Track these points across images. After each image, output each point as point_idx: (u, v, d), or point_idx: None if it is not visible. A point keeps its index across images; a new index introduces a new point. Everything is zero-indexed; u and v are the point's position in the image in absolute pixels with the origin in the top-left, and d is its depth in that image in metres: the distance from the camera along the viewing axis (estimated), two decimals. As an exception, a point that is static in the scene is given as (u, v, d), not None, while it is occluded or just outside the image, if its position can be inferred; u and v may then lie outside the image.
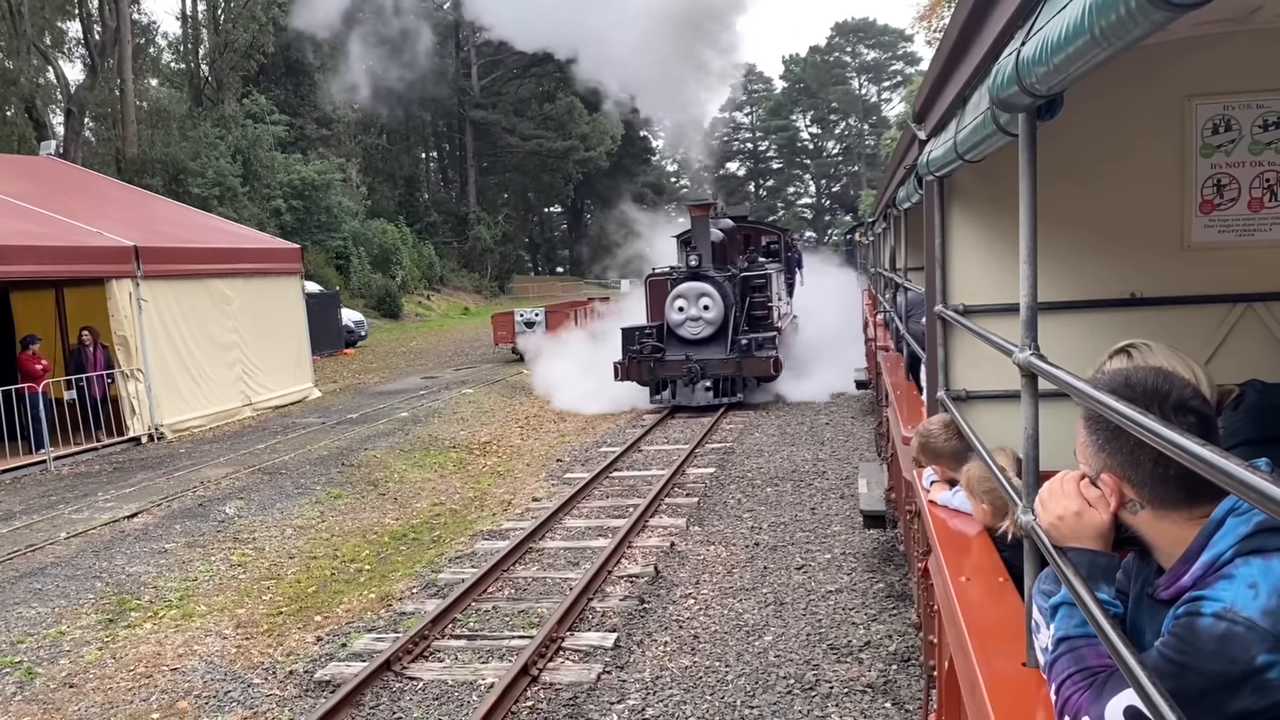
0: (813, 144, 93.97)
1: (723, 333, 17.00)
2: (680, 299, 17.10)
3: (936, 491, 3.74)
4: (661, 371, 16.76)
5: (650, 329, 17.23)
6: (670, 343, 17.11)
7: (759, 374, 16.65)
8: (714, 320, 16.99)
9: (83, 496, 11.93)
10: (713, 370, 16.62)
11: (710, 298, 16.96)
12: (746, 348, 16.53)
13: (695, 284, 17.10)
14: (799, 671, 6.13)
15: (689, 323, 17.05)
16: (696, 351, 16.83)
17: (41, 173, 20.08)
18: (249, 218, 31.75)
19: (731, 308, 17.09)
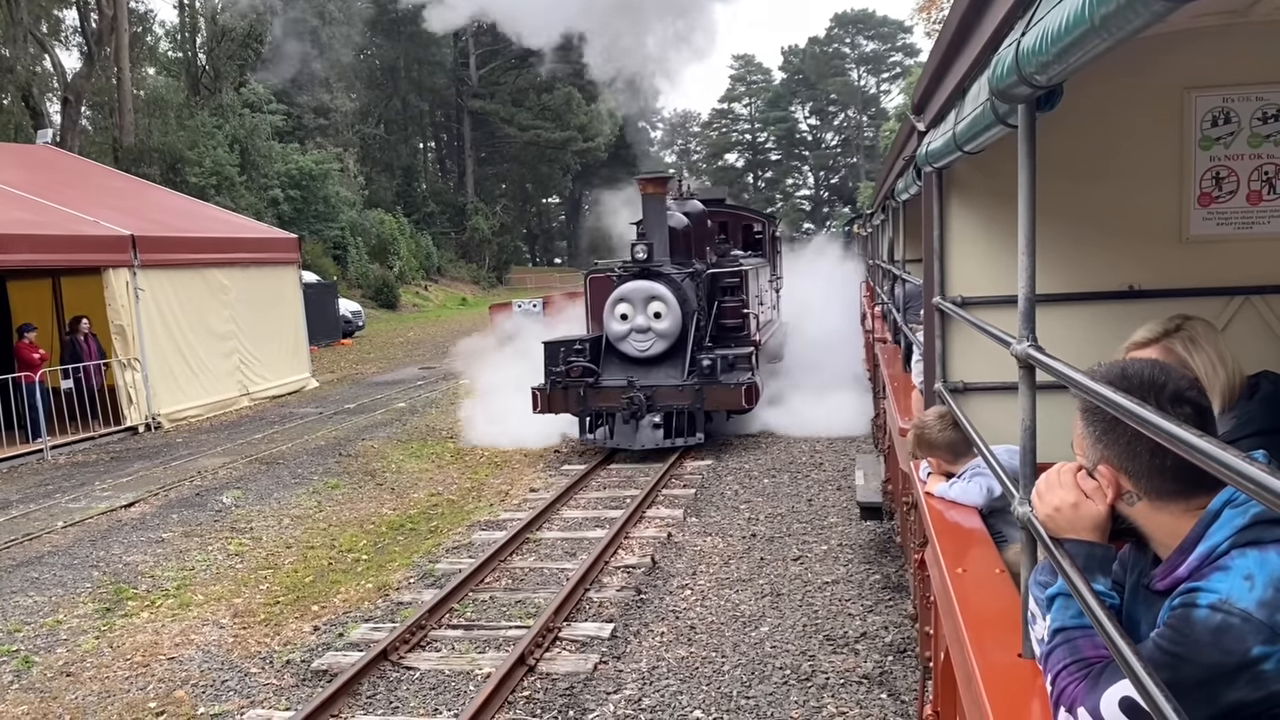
0: (811, 135, 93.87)
1: (679, 349, 12.66)
2: (623, 304, 12.62)
3: (933, 483, 3.75)
4: (595, 401, 12.34)
5: (583, 343, 12.71)
6: (609, 361, 12.80)
7: (726, 406, 12.37)
8: (668, 332, 12.60)
9: (79, 486, 11.93)
10: (663, 401, 12.21)
11: (663, 302, 12.56)
12: (710, 370, 12.14)
13: (643, 284, 12.65)
14: (795, 662, 6.14)
15: (634, 336, 12.61)
16: (644, 374, 12.49)
17: (38, 161, 20.02)
18: (246, 207, 31.69)
19: (694, 315, 12.83)
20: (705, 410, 12.27)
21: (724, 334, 13.22)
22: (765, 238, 17.57)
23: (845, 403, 13.38)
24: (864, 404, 12.80)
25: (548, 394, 12.44)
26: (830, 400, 13.62)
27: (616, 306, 12.69)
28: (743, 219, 18.13)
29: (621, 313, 12.68)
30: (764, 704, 5.61)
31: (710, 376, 12.12)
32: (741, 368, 12.35)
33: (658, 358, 12.71)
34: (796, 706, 5.56)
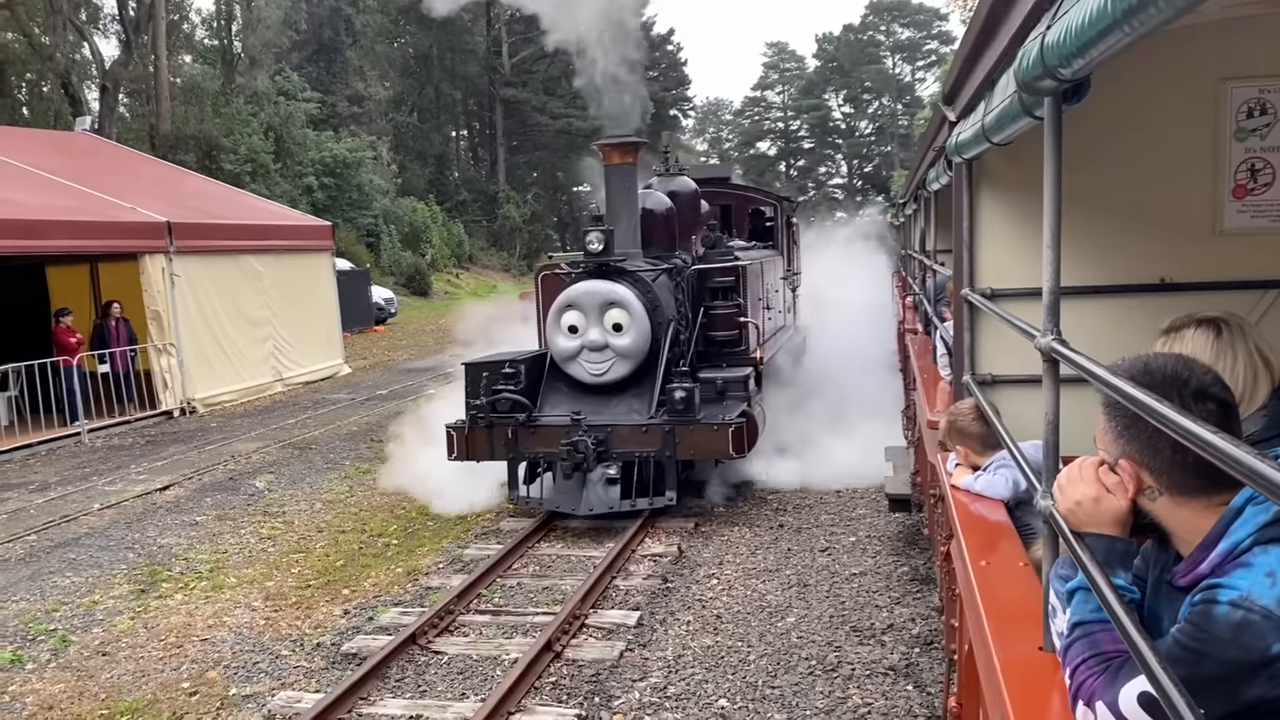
0: (845, 124, 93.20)
1: (648, 372, 9.35)
2: (571, 312, 9.28)
3: (959, 476, 3.74)
4: (530, 445, 9.06)
5: (515, 364, 9.30)
6: (553, 389, 9.55)
7: (708, 453, 8.99)
8: (632, 350, 9.20)
9: (116, 469, 12.12)
10: (622, 445, 8.87)
11: (625, 310, 9.18)
12: (684, 404, 8.75)
13: (598, 286, 9.28)
14: (821, 653, 6.15)
15: (587, 355, 9.28)
16: (598, 408, 9.23)
17: (77, 148, 20.29)
18: (281, 195, 31.95)
19: (669, 326, 9.46)
20: (680, 459, 8.90)
21: (714, 349, 9.98)
22: (778, 225, 14.00)
23: (881, 437, 9.93)
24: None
25: (466, 434, 9.05)
26: (862, 434, 10.54)
27: (563, 316, 9.21)
28: (750, 201, 14.50)
29: (569, 324, 9.18)
30: (789, 694, 5.62)
31: (685, 412, 8.69)
32: (734, 396, 9.21)
33: (619, 384, 9.29)
34: (822, 697, 5.57)
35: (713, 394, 9.19)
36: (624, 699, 5.66)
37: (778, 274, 13.15)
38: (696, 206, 11.43)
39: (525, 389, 9.20)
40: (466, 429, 9.14)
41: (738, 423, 8.71)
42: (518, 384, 9.18)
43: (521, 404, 9.06)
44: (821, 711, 5.39)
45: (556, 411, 9.26)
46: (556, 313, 9.32)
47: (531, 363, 9.50)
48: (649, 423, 8.93)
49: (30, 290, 16.94)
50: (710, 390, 9.20)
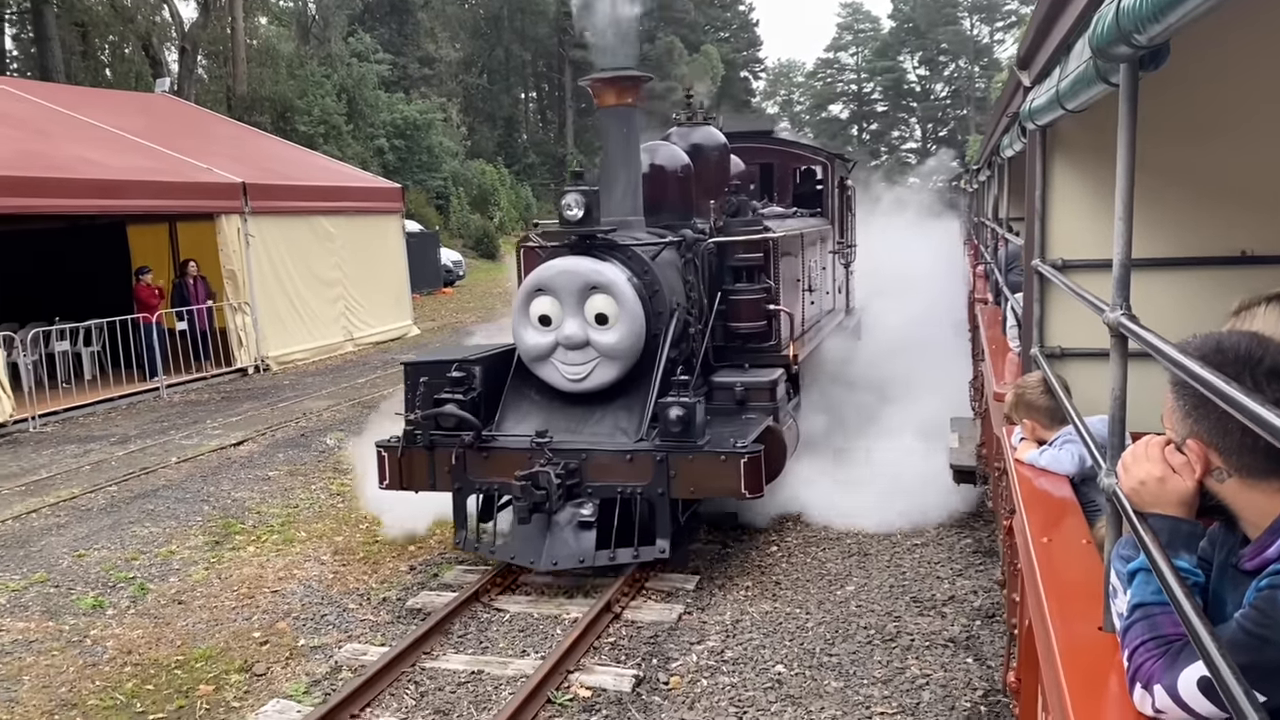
0: (920, 86, 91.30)
1: (642, 376, 7.16)
2: (542, 298, 7.13)
3: (1023, 450, 3.68)
4: (482, 472, 6.96)
5: (467, 366, 7.25)
6: (519, 398, 7.40)
7: (711, 491, 6.73)
8: (620, 348, 7.03)
9: (192, 423, 12.48)
10: (599, 477, 6.73)
11: (612, 296, 7.00)
12: (681, 424, 6.55)
13: (577, 265, 7.11)
14: (880, 622, 6.13)
15: (563, 355, 7.14)
16: (574, 424, 7.12)
17: (156, 109, 20.75)
18: (353, 156, 32.33)
19: (672, 316, 7.29)
20: (676, 499, 6.63)
21: (736, 345, 8.05)
22: (828, 187, 11.61)
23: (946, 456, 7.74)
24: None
25: (400, 456, 6.99)
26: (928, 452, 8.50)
27: (532, 303, 7.07)
28: (794, 159, 11.92)
29: (540, 313, 7.04)
30: (847, 662, 5.62)
31: (684, 434, 6.49)
32: (758, 407, 7.31)
33: (604, 394, 7.10)
34: (880, 666, 5.56)
35: (730, 403, 7.35)
36: (681, 661, 5.71)
37: (826, 247, 10.94)
38: (725, 164, 9.24)
39: (482, 397, 7.11)
40: (400, 449, 6.95)
41: (753, 451, 6.32)
42: (468, 391, 7.01)
43: (466, 421, 6.76)
44: (879, 681, 5.38)
45: (520, 429, 7.02)
46: (524, 299, 7.04)
47: (491, 363, 7.36)
48: (634, 448, 6.58)
49: (112, 248, 17.42)
50: (727, 399, 7.38)
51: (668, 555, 6.61)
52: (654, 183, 8.18)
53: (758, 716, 5.07)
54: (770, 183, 11.41)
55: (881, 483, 8.29)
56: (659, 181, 8.27)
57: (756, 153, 11.11)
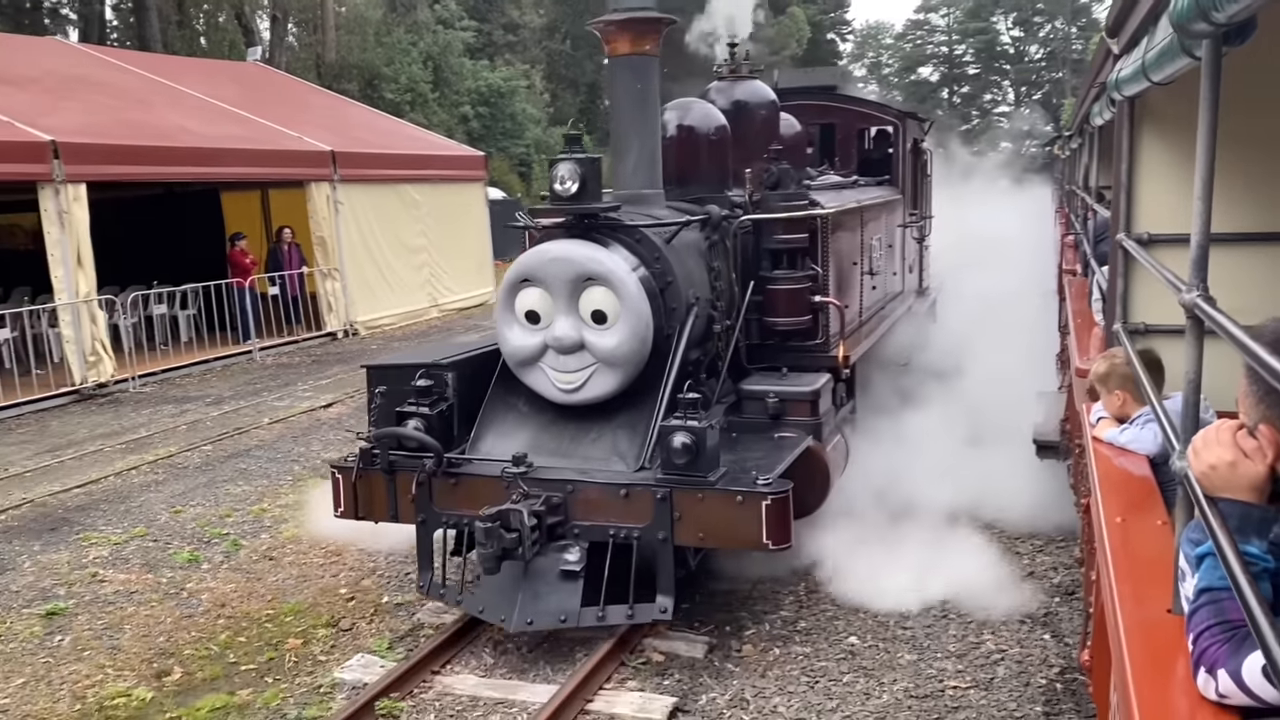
0: (1014, 48, 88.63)
1: (650, 385, 5.81)
2: (529, 290, 5.80)
3: (1103, 428, 3.62)
4: (451, 502, 5.64)
5: (437, 372, 6.05)
6: (501, 410, 6.12)
7: (729, 540, 5.31)
8: (620, 353, 5.66)
9: (284, 385, 12.87)
10: (586, 515, 5.37)
11: (612, 289, 5.61)
12: (687, 453, 5.13)
13: (569, 251, 5.74)
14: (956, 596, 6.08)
15: (554, 359, 5.81)
16: (566, 444, 5.86)
17: (249, 78, 21.26)
18: (438, 124, 32.71)
19: (690, 312, 6.01)
20: (682, 546, 5.36)
21: (775, 344, 6.85)
22: (898, 151, 10.19)
23: (1043, 488, 6.95)
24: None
25: (355, 479, 5.82)
26: (1015, 482, 7.12)
27: (519, 296, 5.82)
28: (860, 119, 10.48)
29: (527, 308, 5.79)
30: (921, 636, 5.61)
31: (691, 466, 5.17)
32: (797, 422, 6.09)
33: (606, 407, 5.84)
34: (954, 640, 5.53)
35: (762, 416, 6.15)
36: (755, 630, 5.75)
37: (894, 220, 9.57)
38: (772, 125, 7.83)
39: (456, 410, 5.95)
40: (356, 471, 5.75)
41: (778, 492, 4.94)
42: (436, 403, 5.82)
43: (428, 445, 5.52)
44: (953, 655, 5.37)
45: (502, 448, 5.73)
46: (508, 290, 5.82)
47: (469, 368, 6.12)
48: (630, 481, 5.26)
49: (207, 215, 17.97)
50: (759, 411, 6.16)
51: (670, 616, 5.27)
52: (682, 148, 6.94)
53: (829, 686, 5.10)
54: (831, 146, 10.08)
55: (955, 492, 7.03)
56: (688, 147, 6.98)
57: (815, 112, 9.84)
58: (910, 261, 10.66)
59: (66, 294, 12.39)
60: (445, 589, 5.77)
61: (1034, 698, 4.92)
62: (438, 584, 5.81)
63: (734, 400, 6.30)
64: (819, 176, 8.45)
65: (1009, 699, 4.91)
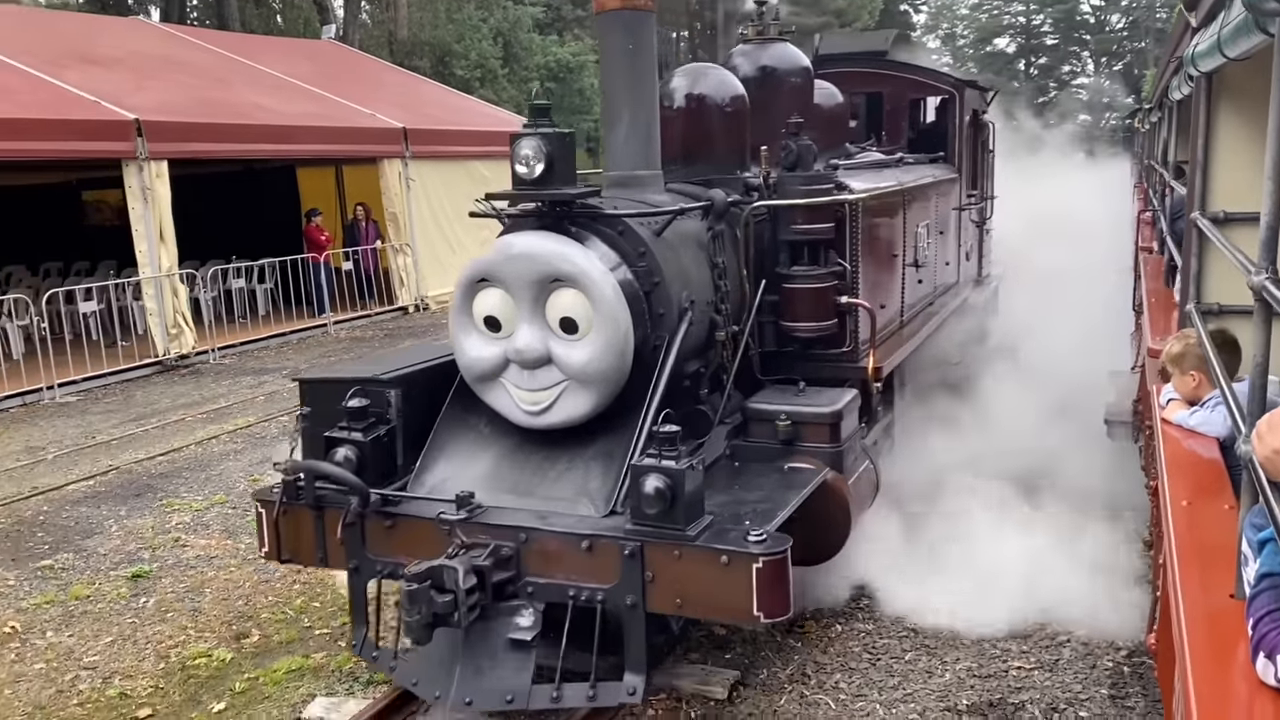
0: (1094, 17, 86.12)
1: (632, 407, 4.68)
2: (488, 291, 4.73)
3: (1173, 410, 3.57)
4: (386, 548, 4.59)
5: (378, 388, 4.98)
6: (457, 431, 5.00)
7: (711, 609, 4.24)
8: (595, 369, 4.58)
9: (357, 359, 13.15)
10: (545, 569, 4.28)
11: (584, 291, 4.53)
12: (660, 502, 4.00)
13: (534, 246, 4.65)
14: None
15: (517, 375, 4.72)
16: (530, 480, 4.72)
17: (323, 56, 21.60)
18: (507, 100, 32.88)
19: (684, 318, 4.87)
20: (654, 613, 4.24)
21: (790, 349, 5.81)
22: (954, 125, 9.11)
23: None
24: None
25: (278, 514, 4.82)
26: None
27: (476, 298, 4.82)
28: (910, 88, 9.30)
29: (485, 313, 4.80)
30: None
31: (665, 517, 4.08)
32: (812, 449, 5.10)
33: (581, 432, 4.82)
34: (1020, 622, 5.49)
35: (771, 441, 5.11)
36: (817, 606, 5.75)
37: (947, 202, 8.55)
38: (803, 95, 6.77)
39: (401, 433, 4.97)
40: (279, 505, 4.74)
41: (772, 553, 3.90)
42: (372, 428, 4.85)
43: (347, 482, 4.48)
44: (1017, 635, 5.33)
45: (455, 481, 4.71)
46: (464, 293, 4.79)
47: (420, 382, 5.13)
48: (593, 532, 4.23)
49: (283, 190, 18.35)
50: (767, 434, 5.13)
51: (640, 699, 4.27)
52: (691, 121, 5.97)
53: (890, 664, 5.11)
54: (879, 119, 9.02)
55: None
56: (698, 120, 5.98)
57: (861, 80, 8.80)
58: (968, 248, 9.60)
59: (150, 268, 12.79)
60: (379, 651, 4.77)
61: (1099, 680, 4.88)
62: (372, 643, 4.79)
63: (739, 422, 5.26)
64: (859, 153, 7.54)
65: (1074, 680, 4.88)
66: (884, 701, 4.77)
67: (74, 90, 12.92)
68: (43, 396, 11.43)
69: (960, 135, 9.11)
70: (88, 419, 10.66)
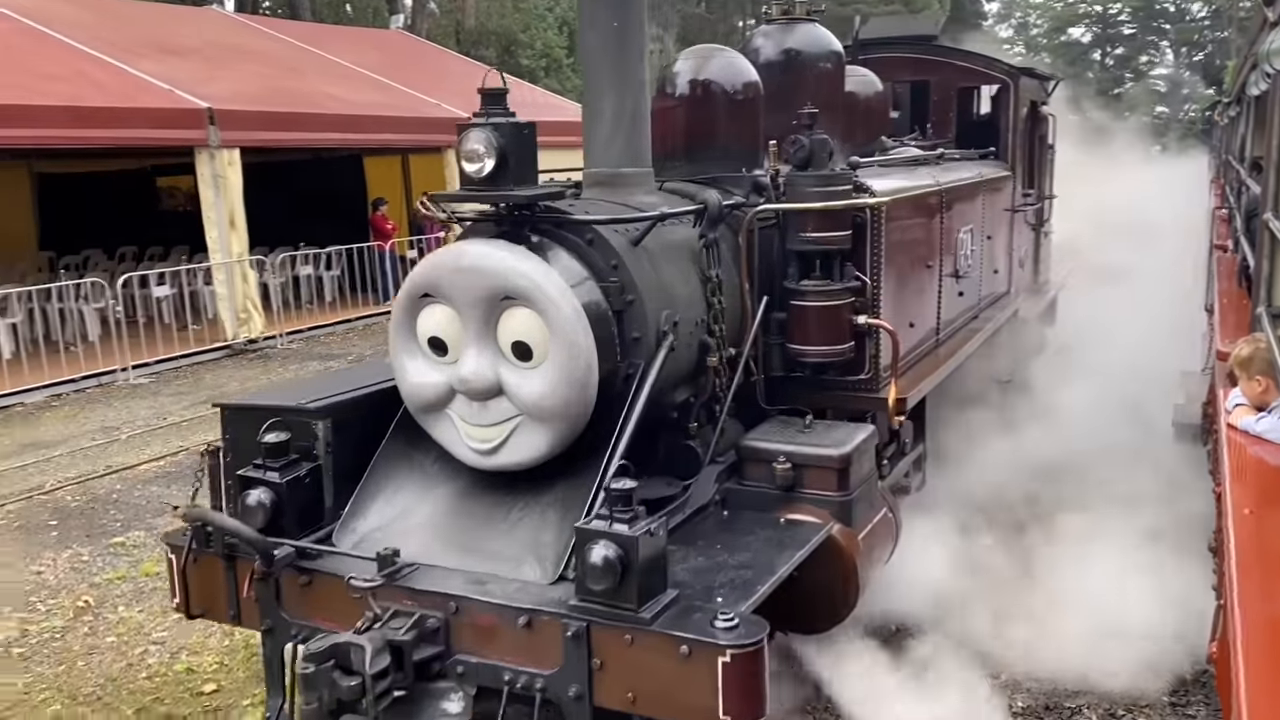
0: (1174, 6, 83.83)
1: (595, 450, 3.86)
2: (433, 306, 3.92)
3: (1239, 415, 3.49)
4: (303, 609, 3.82)
5: (305, 418, 4.22)
6: (397, 473, 4.20)
7: (673, 708, 3.22)
8: (549, 405, 3.76)
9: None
10: (479, 647, 3.47)
11: (539, 311, 3.72)
12: (609, 574, 3.18)
13: (482, 258, 3.81)
14: (1081, 581, 5.92)
15: (464, 407, 3.92)
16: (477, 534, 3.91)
17: (390, 46, 21.89)
18: (571, 90, 32.97)
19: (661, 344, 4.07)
20: (603, 706, 3.34)
21: (800, 375, 5.04)
22: (1009, 118, 8.27)
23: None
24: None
25: (185, 561, 4.09)
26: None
27: (420, 315, 3.99)
28: (960, 75, 8.45)
29: (431, 334, 3.97)
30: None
31: (617, 594, 3.23)
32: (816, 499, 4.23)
33: (540, 476, 3.98)
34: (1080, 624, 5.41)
35: (768, 486, 4.27)
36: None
37: (998, 203, 7.74)
38: (832, 83, 6.04)
39: (330, 471, 4.23)
40: (187, 552, 4.08)
41: (742, 646, 3.17)
42: (291, 467, 4.08)
43: (243, 537, 3.76)
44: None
45: (389, 530, 4.03)
46: (405, 309, 4.03)
47: (359, 411, 4.38)
48: (534, 608, 3.44)
49: (350, 179, 18.64)
50: (764, 478, 4.29)
51: None
52: (695, 111, 5.24)
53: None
54: (924, 110, 8.28)
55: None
56: (703, 109, 5.23)
57: (904, 67, 8.17)
58: (1021, 254, 8.66)
59: (220, 254, 13.10)
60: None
61: (1161, 686, 4.80)
62: (288, 717, 3.93)
63: (733, 462, 4.42)
64: (895, 148, 6.85)
65: (1134, 685, 4.80)
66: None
67: (150, 79, 13.27)
68: (117, 378, 11.78)
69: (1014, 128, 8.30)
70: (160, 400, 10.97)
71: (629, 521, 3.20)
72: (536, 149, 4.11)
